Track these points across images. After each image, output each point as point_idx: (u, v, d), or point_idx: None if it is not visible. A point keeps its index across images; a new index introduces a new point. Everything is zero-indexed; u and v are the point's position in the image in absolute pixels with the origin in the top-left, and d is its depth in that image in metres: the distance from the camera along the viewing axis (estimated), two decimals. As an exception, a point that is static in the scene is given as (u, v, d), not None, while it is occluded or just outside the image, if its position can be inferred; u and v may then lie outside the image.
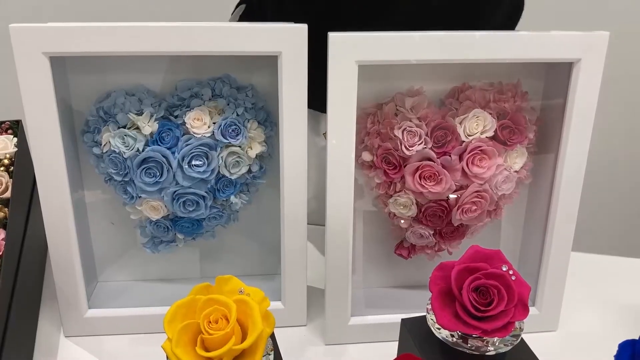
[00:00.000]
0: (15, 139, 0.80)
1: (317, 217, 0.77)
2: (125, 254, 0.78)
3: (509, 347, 0.55)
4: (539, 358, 0.57)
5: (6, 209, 0.70)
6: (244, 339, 0.48)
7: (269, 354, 0.53)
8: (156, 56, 0.66)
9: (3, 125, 0.83)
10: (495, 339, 0.54)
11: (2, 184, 0.73)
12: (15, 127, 0.83)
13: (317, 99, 0.65)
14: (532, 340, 0.61)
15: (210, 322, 0.48)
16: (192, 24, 0.61)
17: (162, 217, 0.71)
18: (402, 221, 0.71)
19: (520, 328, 0.56)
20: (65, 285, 0.70)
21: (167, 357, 0.49)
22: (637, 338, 0.48)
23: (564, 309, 0.75)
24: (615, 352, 0.49)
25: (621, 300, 0.82)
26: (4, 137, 0.80)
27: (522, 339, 0.58)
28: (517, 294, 0.53)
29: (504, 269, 0.54)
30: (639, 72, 1.25)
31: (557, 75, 0.67)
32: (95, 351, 0.70)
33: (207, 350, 0.47)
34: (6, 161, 0.76)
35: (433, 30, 0.61)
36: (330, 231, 0.67)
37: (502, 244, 0.78)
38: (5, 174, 0.74)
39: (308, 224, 0.70)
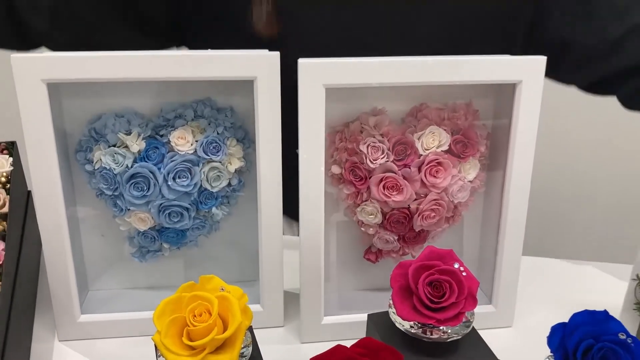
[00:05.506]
0: (11, 159, 0.85)
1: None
2: (115, 264, 0.82)
3: (461, 336, 0.61)
4: (492, 350, 0.63)
5: (5, 222, 0.75)
6: (225, 330, 0.54)
7: (248, 347, 0.59)
8: (143, 81, 0.71)
9: (-1, 146, 0.88)
10: (449, 328, 0.61)
11: (0, 200, 0.78)
12: (11, 148, 0.88)
13: None
14: (489, 335, 0.66)
15: (195, 315, 0.53)
16: (177, 52, 0.67)
17: (149, 228, 0.76)
18: (370, 228, 0.77)
19: (470, 318, 0.62)
20: (60, 293, 0.74)
21: (156, 348, 0.55)
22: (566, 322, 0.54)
23: (519, 307, 0.81)
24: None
25: (571, 298, 0.87)
26: (0, 157, 0.85)
27: (474, 330, 0.65)
28: (467, 287, 0.60)
29: (456, 266, 0.61)
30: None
31: (505, 95, 0.74)
32: (88, 353, 0.74)
33: (192, 340, 0.53)
34: (3, 179, 0.81)
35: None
36: (304, 239, 0.73)
37: (465, 247, 0.84)
38: (3, 191, 0.79)
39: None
